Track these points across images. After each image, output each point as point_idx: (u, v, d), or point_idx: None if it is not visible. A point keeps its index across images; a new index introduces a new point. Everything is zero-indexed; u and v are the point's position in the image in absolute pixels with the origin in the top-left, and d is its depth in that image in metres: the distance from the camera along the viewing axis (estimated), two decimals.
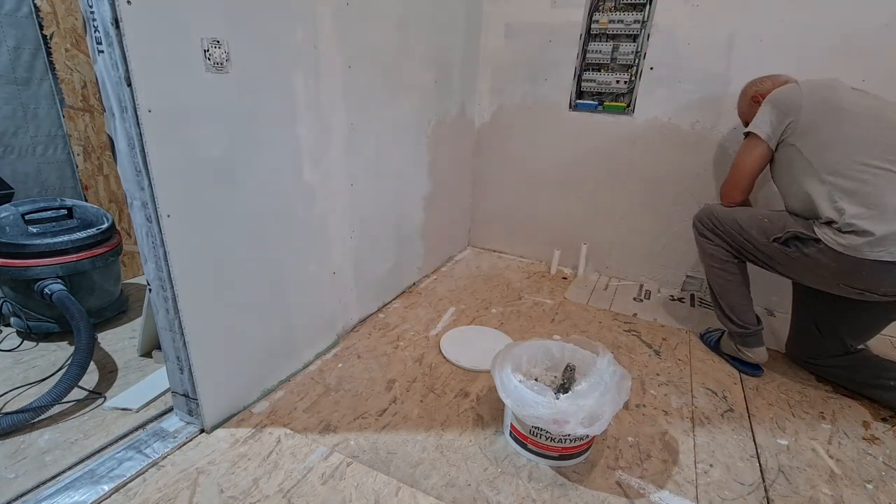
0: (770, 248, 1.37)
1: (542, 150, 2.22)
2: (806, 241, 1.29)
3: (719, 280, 1.52)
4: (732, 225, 1.45)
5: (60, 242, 1.46)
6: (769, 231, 1.37)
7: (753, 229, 1.40)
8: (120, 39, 0.82)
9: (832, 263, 1.24)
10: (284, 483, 1.02)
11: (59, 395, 1.18)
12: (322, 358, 1.49)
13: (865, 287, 1.23)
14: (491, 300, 1.95)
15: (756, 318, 1.51)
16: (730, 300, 1.51)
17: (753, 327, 1.50)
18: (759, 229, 1.39)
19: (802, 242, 1.30)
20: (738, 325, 1.50)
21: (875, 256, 1.16)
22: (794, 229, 1.30)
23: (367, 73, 1.45)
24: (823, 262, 1.26)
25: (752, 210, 1.47)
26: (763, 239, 1.38)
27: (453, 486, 1.04)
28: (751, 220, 1.42)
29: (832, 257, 1.23)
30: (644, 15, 1.86)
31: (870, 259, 1.17)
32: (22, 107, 1.70)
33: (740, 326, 1.50)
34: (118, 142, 0.92)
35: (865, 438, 1.27)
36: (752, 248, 1.42)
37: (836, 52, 1.63)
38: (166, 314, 1.05)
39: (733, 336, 1.54)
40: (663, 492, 1.06)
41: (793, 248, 1.32)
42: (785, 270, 1.39)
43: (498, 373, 1.12)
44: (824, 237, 1.24)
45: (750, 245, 1.42)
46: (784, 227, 1.33)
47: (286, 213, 1.26)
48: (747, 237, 1.42)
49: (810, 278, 1.35)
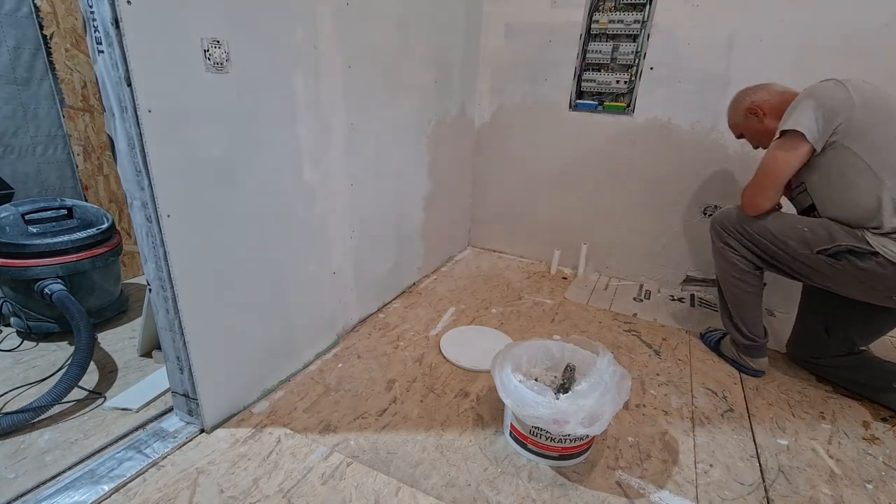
0: (813, 260, 1.27)
1: (542, 150, 2.22)
2: (862, 254, 1.20)
3: (736, 290, 1.46)
4: (765, 234, 1.35)
5: (60, 242, 1.46)
6: (813, 243, 1.27)
7: (792, 240, 1.30)
8: (120, 39, 0.82)
9: (892, 277, 1.17)
10: (284, 483, 1.02)
11: (59, 395, 1.18)
12: (322, 358, 1.49)
13: None
14: (491, 300, 1.95)
15: (764, 331, 1.48)
16: (743, 312, 1.46)
17: (761, 339, 1.47)
18: (799, 240, 1.29)
19: (857, 256, 1.21)
20: (746, 336, 1.47)
21: None
22: (848, 243, 1.21)
23: (367, 73, 1.45)
24: (881, 275, 1.18)
25: (786, 218, 1.36)
26: (804, 250, 1.28)
27: (453, 486, 1.04)
28: (788, 229, 1.32)
29: (892, 271, 1.16)
30: (644, 15, 1.86)
31: None
32: (22, 107, 1.70)
33: (748, 339, 1.47)
34: (118, 142, 0.92)
35: (865, 438, 1.27)
36: (786, 259, 1.33)
37: (836, 52, 1.63)
38: (166, 314, 1.05)
39: (738, 345, 1.51)
40: (663, 492, 1.06)
41: (843, 262, 1.23)
42: (827, 282, 1.31)
43: (498, 373, 1.12)
44: (883, 250, 1.16)
45: (785, 256, 1.33)
46: (833, 239, 1.24)
47: (286, 213, 1.26)
48: (783, 248, 1.32)
49: (860, 291, 1.26)
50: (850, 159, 1.21)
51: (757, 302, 1.46)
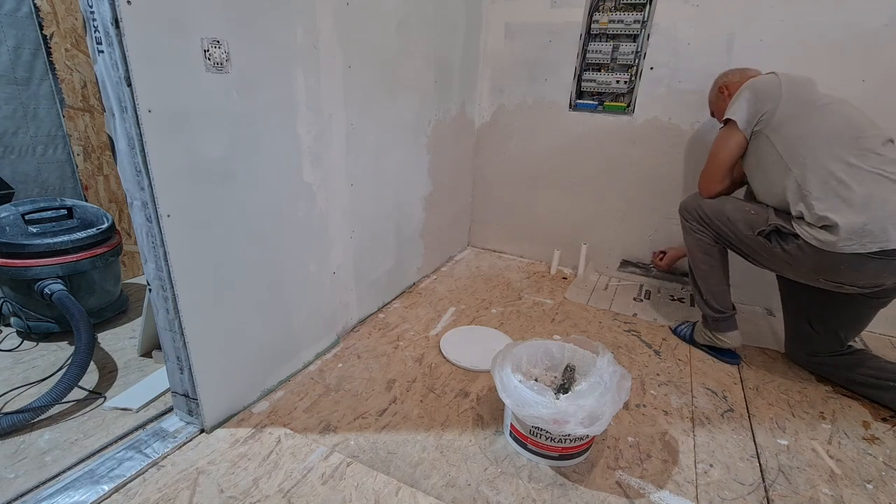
0: (755, 241, 1.37)
1: (543, 150, 2.22)
2: (786, 235, 1.30)
3: (703, 266, 1.54)
4: (718, 216, 1.45)
5: (60, 242, 1.46)
6: (755, 224, 1.37)
7: (740, 222, 1.40)
8: (120, 39, 0.82)
9: (810, 258, 1.25)
10: (284, 483, 1.02)
11: (59, 395, 1.18)
12: (322, 358, 1.49)
13: (844, 280, 1.25)
14: (491, 300, 1.95)
15: (732, 304, 1.54)
16: (711, 285, 1.53)
17: (729, 311, 1.53)
18: (745, 222, 1.39)
19: (783, 238, 1.31)
20: (715, 309, 1.53)
21: (849, 250, 1.18)
22: (776, 222, 1.31)
23: (367, 73, 1.45)
24: (801, 258, 1.27)
25: (738, 202, 1.47)
26: (748, 231, 1.38)
27: (453, 486, 1.04)
28: (737, 212, 1.42)
29: (810, 252, 1.24)
30: (644, 15, 1.86)
31: (845, 253, 1.18)
32: (22, 107, 1.70)
33: (717, 311, 1.53)
34: (118, 142, 0.92)
35: (865, 438, 1.27)
36: (735, 240, 1.43)
37: (836, 52, 1.63)
38: (166, 314, 1.05)
39: (707, 322, 1.57)
40: (663, 492, 1.06)
41: (774, 243, 1.33)
42: (767, 263, 1.41)
43: (498, 373, 1.12)
44: (802, 232, 1.25)
45: (734, 237, 1.43)
46: (767, 221, 1.34)
47: (286, 213, 1.26)
48: (732, 229, 1.42)
49: (791, 272, 1.36)
50: (767, 148, 1.33)
51: (723, 275, 1.54)
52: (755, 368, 1.56)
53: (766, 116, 1.32)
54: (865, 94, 1.63)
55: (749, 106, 1.34)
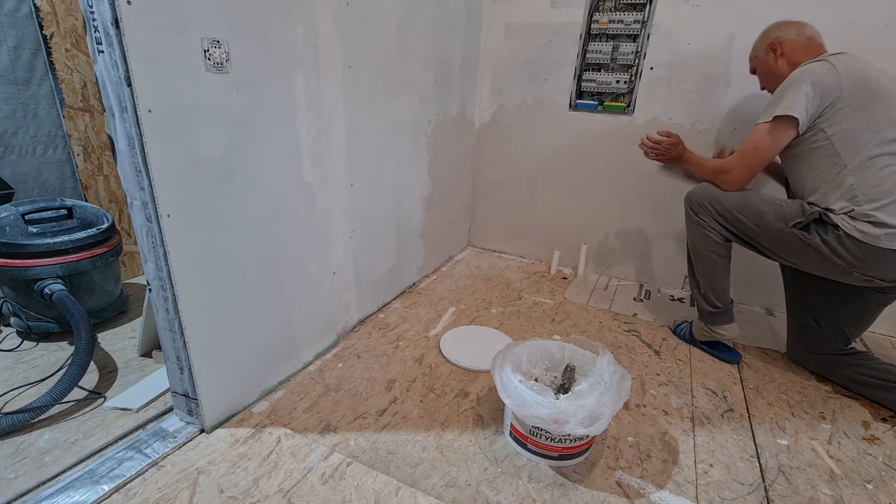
0: (787, 233, 1.32)
1: (542, 150, 2.22)
2: (827, 226, 1.26)
3: (707, 262, 1.51)
4: (743, 209, 1.39)
5: (60, 242, 1.46)
6: (788, 217, 1.31)
7: (770, 214, 1.34)
8: (120, 39, 0.82)
9: (849, 251, 1.23)
10: (284, 483, 1.02)
11: (59, 395, 1.18)
12: (322, 358, 1.49)
13: (877, 275, 1.24)
14: (491, 300, 1.95)
15: (730, 298, 1.55)
16: (713, 281, 1.52)
17: (727, 306, 1.54)
18: (776, 214, 1.34)
19: (823, 228, 1.27)
20: (714, 305, 1.53)
21: (893, 245, 1.18)
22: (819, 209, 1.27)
23: (367, 73, 1.45)
24: (840, 250, 1.24)
25: (764, 194, 1.43)
26: (780, 224, 1.33)
27: (453, 486, 1.04)
28: (766, 204, 1.37)
29: (850, 244, 1.23)
30: (644, 15, 1.86)
31: (888, 248, 1.19)
32: (22, 107, 1.70)
33: (716, 307, 1.53)
34: (118, 142, 0.92)
35: (865, 438, 1.27)
36: (760, 234, 1.37)
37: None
38: (166, 314, 1.05)
39: (705, 317, 1.57)
40: (663, 492, 1.06)
41: (812, 234, 1.28)
42: (792, 258, 1.36)
43: (498, 373, 1.12)
44: (843, 223, 1.23)
45: (759, 231, 1.37)
46: (804, 212, 1.29)
47: (286, 212, 1.26)
48: (760, 222, 1.36)
49: (820, 265, 1.31)
50: (823, 142, 1.27)
51: (726, 271, 1.52)
52: (755, 368, 1.56)
53: (826, 113, 1.25)
54: None
55: (809, 102, 1.25)
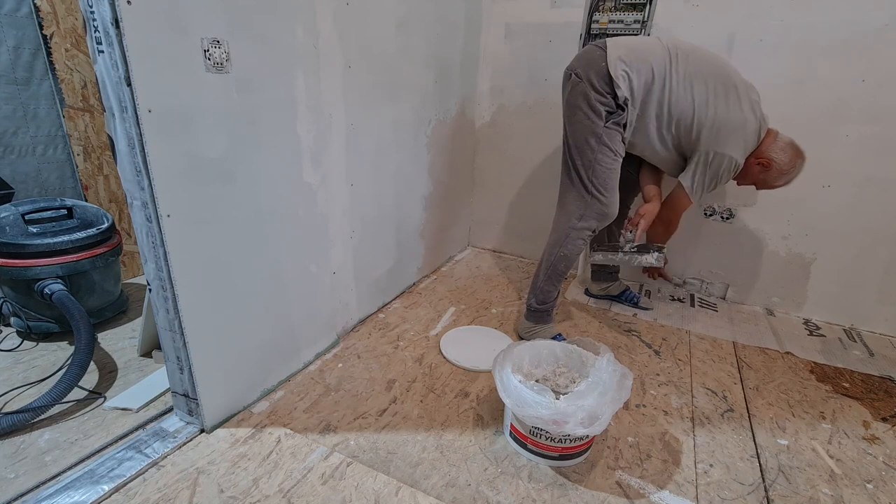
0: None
1: (542, 151, 2.22)
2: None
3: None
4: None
5: (60, 242, 1.46)
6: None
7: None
8: (120, 39, 0.82)
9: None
10: (284, 483, 1.02)
11: (59, 395, 1.18)
12: (322, 358, 1.49)
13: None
14: (491, 300, 1.95)
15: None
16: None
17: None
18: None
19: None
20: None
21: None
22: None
23: (367, 73, 1.45)
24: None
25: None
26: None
27: (453, 486, 1.04)
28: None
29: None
30: (644, 15, 1.85)
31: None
32: (22, 107, 1.70)
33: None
34: (118, 142, 0.92)
35: (865, 438, 1.27)
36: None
37: (835, 53, 1.63)
38: (166, 314, 1.05)
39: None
40: (663, 492, 1.06)
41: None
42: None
43: (498, 373, 1.12)
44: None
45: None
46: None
47: (286, 213, 1.26)
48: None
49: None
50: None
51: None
52: (755, 368, 1.56)
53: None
54: (865, 94, 1.63)
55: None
